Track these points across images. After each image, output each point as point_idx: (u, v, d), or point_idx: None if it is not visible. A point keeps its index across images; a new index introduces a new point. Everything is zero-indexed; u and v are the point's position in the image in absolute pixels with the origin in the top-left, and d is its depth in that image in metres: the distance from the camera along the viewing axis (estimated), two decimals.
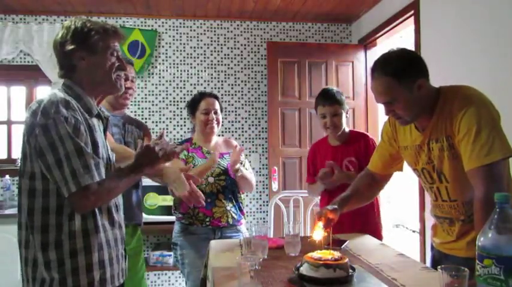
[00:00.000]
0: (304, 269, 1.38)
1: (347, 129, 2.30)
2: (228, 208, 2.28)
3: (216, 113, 2.34)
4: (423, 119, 1.50)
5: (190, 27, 3.90)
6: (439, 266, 1.10)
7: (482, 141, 1.31)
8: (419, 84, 1.42)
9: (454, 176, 1.46)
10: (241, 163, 2.28)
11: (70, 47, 1.36)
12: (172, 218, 3.21)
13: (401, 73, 1.41)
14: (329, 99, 2.21)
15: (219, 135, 2.55)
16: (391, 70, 1.42)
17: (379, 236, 2.20)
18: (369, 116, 3.86)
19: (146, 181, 2.26)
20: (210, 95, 2.39)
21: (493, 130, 1.32)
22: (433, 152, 1.49)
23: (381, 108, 3.65)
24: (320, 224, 1.58)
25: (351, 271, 1.39)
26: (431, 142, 1.49)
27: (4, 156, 3.75)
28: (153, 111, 3.83)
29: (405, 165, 1.74)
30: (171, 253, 3.32)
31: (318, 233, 1.58)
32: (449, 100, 1.43)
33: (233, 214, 2.30)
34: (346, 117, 2.27)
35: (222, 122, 3.82)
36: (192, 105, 2.38)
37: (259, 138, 3.94)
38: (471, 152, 1.33)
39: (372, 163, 1.83)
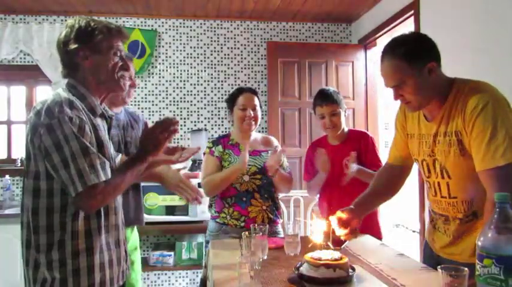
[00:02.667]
0: (304, 269, 1.38)
1: (346, 129, 2.31)
2: (264, 207, 2.20)
3: (254, 109, 2.23)
4: (433, 108, 1.46)
5: (190, 27, 3.90)
6: (439, 266, 1.10)
7: (498, 141, 1.27)
8: (430, 68, 1.38)
9: (457, 173, 1.43)
10: (280, 166, 2.20)
11: (73, 46, 1.36)
12: (172, 218, 3.24)
13: (410, 55, 1.38)
14: (327, 99, 2.22)
15: (259, 131, 2.41)
16: (401, 52, 1.39)
17: (379, 235, 2.21)
18: (369, 116, 3.86)
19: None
20: (249, 91, 2.28)
21: (509, 131, 1.28)
22: (439, 145, 1.45)
23: (380, 108, 3.65)
24: (333, 224, 1.56)
25: (351, 271, 1.39)
26: (439, 135, 1.45)
27: (4, 156, 3.75)
28: (153, 111, 3.83)
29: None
30: (171, 253, 3.32)
31: (318, 232, 1.57)
32: (463, 94, 1.38)
33: (269, 214, 2.21)
34: (345, 116, 2.28)
35: (222, 122, 3.87)
36: (230, 101, 2.29)
37: None
38: (485, 153, 1.29)
39: (390, 156, 1.77)
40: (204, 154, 2.30)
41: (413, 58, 1.38)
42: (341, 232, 1.56)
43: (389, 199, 1.80)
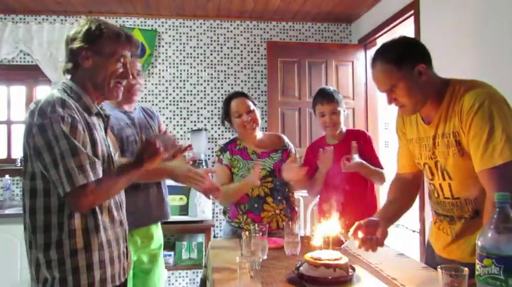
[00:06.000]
0: (304, 269, 1.38)
1: (344, 129, 2.31)
2: (277, 211, 2.14)
3: (249, 112, 2.14)
4: (429, 110, 1.46)
5: (190, 27, 3.90)
6: (439, 266, 1.10)
7: (496, 141, 1.27)
8: (420, 69, 1.39)
9: (458, 174, 1.42)
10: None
11: (78, 45, 1.38)
12: (172, 218, 3.22)
13: (399, 58, 1.39)
14: (327, 98, 2.22)
15: (262, 129, 2.32)
16: (389, 57, 1.41)
17: None
18: (369, 116, 3.86)
19: None
20: (236, 95, 2.22)
21: (507, 129, 1.27)
22: (439, 147, 1.45)
23: (380, 108, 3.65)
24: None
25: (351, 271, 1.39)
26: (437, 137, 1.45)
27: (4, 156, 3.75)
28: None
29: None
30: (171, 253, 3.33)
31: (320, 233, 1.55)
32: (459, 94, 1.38)
33: (283, 218, 2.14)
34: (344, 116, 2.28)
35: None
36: (224, 112, 2.23)
37: None
38: (483, 153, 1.29)
39: (399, 166, 1.74)
40: (213, 162, 2.28)
41: (401, 61, 1.39)
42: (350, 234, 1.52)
43: (409, 208, 1.71)
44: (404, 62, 1.39)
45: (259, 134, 2.26)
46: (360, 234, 1.45)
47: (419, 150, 1.56)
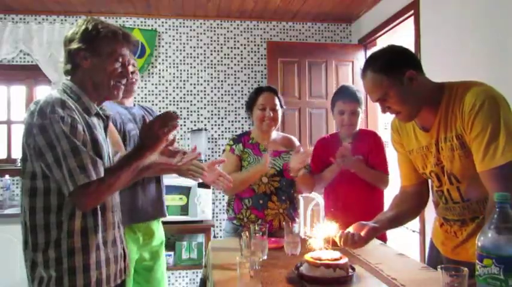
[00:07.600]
0: (304, 269, 1.38)
1: (357, 128, 2.30)
2: (281, 211, 2.18)
3: (273, 109, 2.19)
4: (427, 116, 1.45)
5: (190, 27, 3.90)
6: (439, 266, 1.10)
7: (497, 141, 1.26)
8: (409, 75, 1.39)
9: (466, 176, 1.41)
10: (305, 168, 2.14)
11: (76, 45, 1.38)
12: (172, 218, 3.23)
13: (387, 67, 1.40)
14: (350, 97, 2.22)
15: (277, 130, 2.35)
16: (377, 66, 1.41)
17: (383, 237, 2.19)
18: (369, 116, 3.86)
19: None
20: (268, 90, 2.25)
21: (508, 128, 1.27)
22: (443, 152, 1.44)
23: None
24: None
25: (351, 271, 1.40)
26: (440, 142, 1.44)
27: (4, 156, 3.75)
28: None
29: None
30: (171, 253, 3.32)
31: (319, 236, 1.54)
32: (457, 96, 1.37)
33: (286, 217, 2.19)
34: (361, 117, 2.28)
35: (222, 121, 3.87)
36: (250, 100, 2.27)
37: None
38: (485, 153, 1.28)
39: (402, 179, 1.72)
40: (223, 151, 2.29)
41: (390, 69, 1.40)
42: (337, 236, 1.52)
43: (413, 217, 1.70)
44: (392, 69, 1.40)
45: (273, 133, 2.30)
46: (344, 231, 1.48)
47: (422, 160, 1.54)
